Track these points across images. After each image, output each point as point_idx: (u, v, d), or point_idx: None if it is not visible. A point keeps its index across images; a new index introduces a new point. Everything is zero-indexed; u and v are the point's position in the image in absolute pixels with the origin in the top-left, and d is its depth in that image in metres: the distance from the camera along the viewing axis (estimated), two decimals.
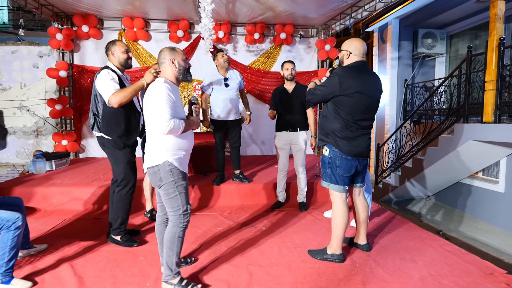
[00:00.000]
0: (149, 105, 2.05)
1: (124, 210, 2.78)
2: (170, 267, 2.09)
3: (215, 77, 3.94)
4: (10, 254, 2.10)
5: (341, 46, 2.49)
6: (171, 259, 2.09)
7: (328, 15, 5.73)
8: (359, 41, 2.40)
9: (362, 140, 2.42)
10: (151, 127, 2.08)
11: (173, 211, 2.10)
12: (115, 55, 2.70)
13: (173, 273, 2.10)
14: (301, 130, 3.65)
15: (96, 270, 2.38)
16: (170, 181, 2.06)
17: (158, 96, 1.99)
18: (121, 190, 2.76)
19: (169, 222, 2.13)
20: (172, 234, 2.08)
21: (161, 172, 2.05)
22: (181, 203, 2.09)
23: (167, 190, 2.07)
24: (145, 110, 2.10)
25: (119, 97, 2.51)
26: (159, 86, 2.02)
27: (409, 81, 7.18)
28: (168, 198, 2.08)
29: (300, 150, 3.66)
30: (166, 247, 2.08)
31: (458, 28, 6.61)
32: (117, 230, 2.78)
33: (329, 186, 2.49)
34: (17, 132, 6.62)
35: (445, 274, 2.31)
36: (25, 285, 2.15)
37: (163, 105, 1.98)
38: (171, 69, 2.12)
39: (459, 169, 4.97)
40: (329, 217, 3.44)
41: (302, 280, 2.25)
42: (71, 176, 4.36)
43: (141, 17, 5.79)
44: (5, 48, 6.49)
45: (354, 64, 2.39)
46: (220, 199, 3.97)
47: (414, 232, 3.11)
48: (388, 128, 7.36)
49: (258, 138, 6.52)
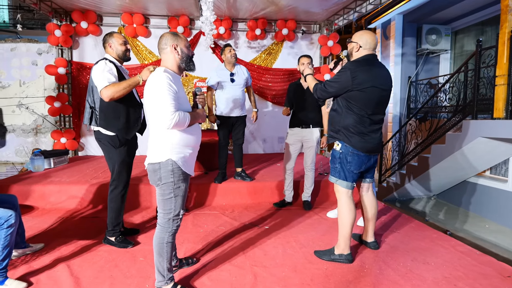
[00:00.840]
0: (149, 97, 1.87)
1: (117, 211, 2.67)
2: (162, 273, 1.96)
3: (221, 71, 3.86)
4: (3, 253, 2.01)
5: (352, 38, 2.40)
6: (162, 265, 1.95)
7: (331, 10, 5.62)
8: (370, 35, 2.32)
9: (375, 135, 2.35)
10: (153, 121, 1.90)
11: (163, 213, 1.95)
12: (112, 47, 2.58)
13: (165, 279, 1.97)
14: (314, 127, 3.55)
15: (93, 271, 2.28)
16: (169, 181, 1.90)
17: (159, 87, 1.81)
18: (113, 190, 2.66)
19: (157, 225, 1.98)
20: (160, 240, 1.94)
21: (162, 170, 1.90)
22: (174, 206, 1.94)
23: (163, 190, 1.93)
24: (146, 103, 1.92)
25: (111, 91, 2.38)
26: (159, 77, 1.84)
27: (413, 78, 7.06)
28: (162, 199, 1.94)
29: (311, 147, 3.56)
30: (155, 252, 1.96)
31: (464, 24, 6.48)
32: (111, 231, 2.68)
33: (337, 182, 2.40)
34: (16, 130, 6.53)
35: (460, 277, 2.20)
36: (20, 286, 2.06)
37: (165, 97, 1.79)
38: (172, 56, 1.94)
39: (466, 167, 4.85)
40: (332, 217, 3.34)
41: (309, 282, 2.15)
42: (69, 174, 4.26)
43: (141, 13, 5.69)
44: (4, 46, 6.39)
45: (365, 57, 2.32)
46: (222, 198, 3.87)
47: (423, 231, 3.00)
48: (391, 126, 7.25)
49: (260, 136, 6.42)
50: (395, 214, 3.47)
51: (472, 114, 4.33)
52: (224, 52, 3.82)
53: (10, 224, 2.03)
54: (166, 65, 1.97)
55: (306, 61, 3.43)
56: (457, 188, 5.48)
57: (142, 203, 3.72)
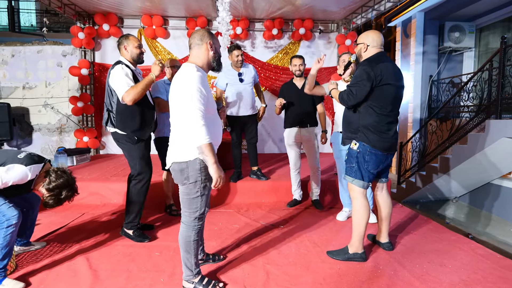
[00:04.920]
0: (178, 94, 1.82)
1: (139, 204, 2.75)
2: (190, 268, 2.01)
3: (229, 72, 3.87)
4: (2, 253, 2.00)
5: (357, 40, 2.41)
6: (190, 261, 2.00)
7: (349, 8, 5.54)
8: (375, 32, 2.33)
9: (392, 133, 2.33)
10: (179, 119, 1.87)
11: (189, 212, 1.97)
12: (128, 49, 2.64)
13: (193, 273, 2.02)
14: (311, 126, 3.52)
15: (111, 264, 2.36)
16: (197, 180, 1.90)
17: (191, 87, 1.77)
18: (137, 184, 2.73)
19: (182, 224, 2.00)
20: (187, 238, 1.98)
21: (190, 169, 1.88)
22: (199, 205, 1.96)
23: (190, 189, 1.92)
24: (173, 100, 1.88)
25: (132, 94, 2.47)
26: (191, 75, 1.80)
27: (434, 77, 6.85)
28: (188, 198, 1.94)
29: (312, 147, 3.53)
30: (182, 250, 1.99)
31: (489, 20, 6.23)
32: (130, 224, 2.76)
33: (353, 181, 2.38)
34: (42, 129, 6.81)
35: (479, 280, 2.13)
36: (17, 286, 2.04)
37: (195, 98, 1.76)
38: (207, 53, 1.93)
39: (489, 169, 4.67)
40: (342, 220, 3.28)
41: (321, 281, 2.14)
42: (90, 172, 4.42)
43: (160, 15, 5.82)
44: (31, 48, 6.68)
45: (376, 55, 2.31)
46: (237, 196, 3.90)
47: (441, 234, 2.92)
48: (411, 126, 7.07)
49: (276, 136, 6.41)
50: (411, 215, 3.39)
51: (496, 113, 4.17)
52: (231, 55, 3.80)
53: (11, 224, 2.01)
54: (195, 61, 1.94)
55: (298, 62, 3.44)
56: (480, 190, 5.28)
57: (156, 200, 3.80)
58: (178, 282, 2.11)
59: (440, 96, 6.60)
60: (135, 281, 2.14)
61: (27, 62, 6.67)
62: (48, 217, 3.29)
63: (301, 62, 3.49)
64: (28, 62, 6.68)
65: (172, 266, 2.32)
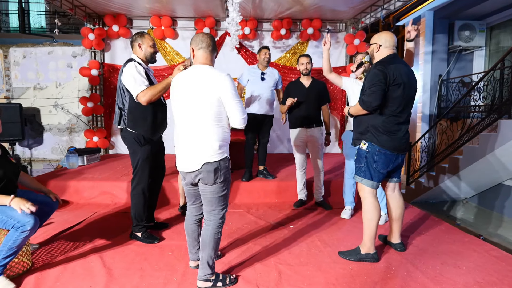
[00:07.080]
0: (209, 95, 1.89)
1: (139, 207, 2.70)
2: (212, 265, 2.04)
3: (253, 69, 4.02)
4: (7, 253, 1.99)
5: (370, 41, 2.42)
6: (213, 259, 2.04)
7: (358, 8, 5.52)
8: (389, 34, 2.35)
9: (403, 134, 2.32)
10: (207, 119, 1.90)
11: (219, 209, 2.01)
12: (142, 48, 2.60)
13: (213, 271, 2.06)
14: (317, 126, 3.52)
15: (124, 263, 2.39)
16: (227, 178, 1.99)
17: (232, 87, 1.92)
18: (135, 186, 2.70)
19: (209, 222, 2.01)
20: (216, 235, 2.01)
21: (222, 168, 1.94)
22: (225, 201, 2.04)
23: (220, 187, 1.97)
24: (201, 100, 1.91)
25: (149, 95, 2.44)
26: (226, 77, 1.92)
27: (444, 76, 6.79)
28: (218, 196, 1.98)
29: (316, 147, 3.53)
30: (209, 248, 2.00)
31: (500, 19, 6.15)
32: (136, 226, 2.75)
33: (362, 181, 2.38)
34: (53, 129, 6.90)
35: (494, 282, 2.11)
36: (8, 286, 2.03)
37: (238, 97, 1.93)
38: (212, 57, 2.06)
39: (500, 170, 4.61)
40: (346, 217, 3.30)
41: (334, 282, 2.14)
42: (101, 171, 4.47)
43: (169, 15, 5.85)
44: (42, 49, 6.78)
45: (388, 57, 2.32)
46: (246, 196, 3.91)
47: (454, 235, 2.89)
48: (420, 126, 7.01)
49: (285, 136, 6.41)
50: (422, 216, 3.37)
51: (508, 113, 4.12)
52: (260, 53, 3.95)
53: (24, 230, 1.99)
54: (210, 64, 2.04)
55: (305, 61, 3.44)
56: (491, 192, 5.21)
57: (169, 200, 3.83)
58: (191, 281, 2.12)
59: (450, 95, 6.53)
60: (148, 280, 2.16)
61: (38, 63, 6.77)
62: (61, 216, 3.33)
63: (308, 61, 3.49)
64: (39, 63, 6.77)
65: (184, 266, 2.33)
